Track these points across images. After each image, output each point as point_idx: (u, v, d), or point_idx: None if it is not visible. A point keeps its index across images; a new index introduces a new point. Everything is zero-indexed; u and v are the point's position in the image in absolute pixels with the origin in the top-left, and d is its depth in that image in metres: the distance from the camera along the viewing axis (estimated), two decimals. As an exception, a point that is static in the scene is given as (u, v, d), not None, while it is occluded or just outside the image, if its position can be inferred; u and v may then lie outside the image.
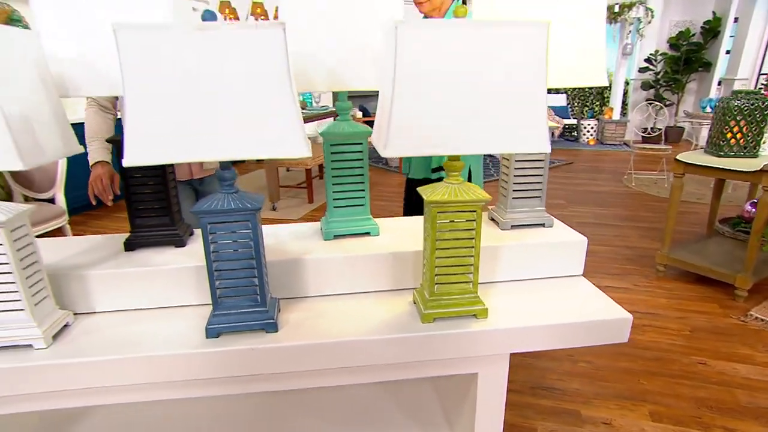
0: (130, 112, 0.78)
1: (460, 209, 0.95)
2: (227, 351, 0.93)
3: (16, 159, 0.78)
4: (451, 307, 1.00)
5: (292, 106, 0.80)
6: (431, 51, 0.79)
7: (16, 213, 0.88)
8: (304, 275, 1.12)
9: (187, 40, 0.76)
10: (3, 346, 0.93)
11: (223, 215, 0.90)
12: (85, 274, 1.05)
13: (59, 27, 0.95)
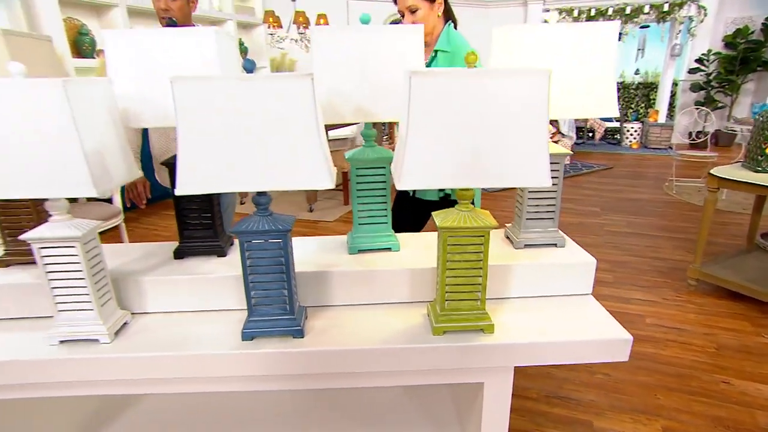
0: (182, 148, 0.92)
1: (469, 234, 1.04)
2: (259, 353, 1.07)
3: (90, 187, 0.93)
4: (460, 322, 1.10)
5: (318, 144, 0.92)
6: (441, 97, 0.89)
7: (89, 229, 1.04)
8: (329, 286, 1.24)
9: (230, 89, 0.89)
10: (75, 339, 1.10)
11: (258, 235, 1.03)
12: (140, 279, 1.21)
13: (126, 69, 1.11)
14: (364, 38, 1.14)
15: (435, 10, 1.76)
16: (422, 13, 1.74)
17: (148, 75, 1.12)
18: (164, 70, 1.12)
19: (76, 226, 1.04)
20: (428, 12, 1.74)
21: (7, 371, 1.08)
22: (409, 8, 1.74)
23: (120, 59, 1.12)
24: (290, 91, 0.89)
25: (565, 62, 1.20)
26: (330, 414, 1.57)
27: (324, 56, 1.14)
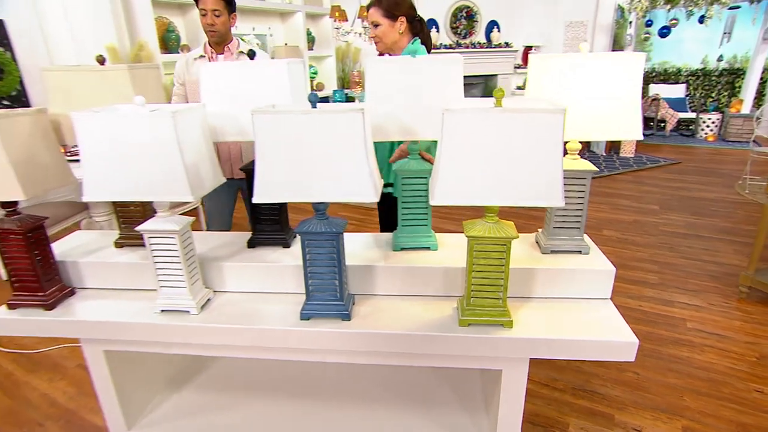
0: (258, 166, 1.15)
1: (493, 243, 1.21)
2: (313, 331, 1.30)
3: (188, 194, 1.19)
4: (482, 316, 1.28)
5: (365, 165, 1.13)
6: (469, 130, 1.06)
7: (185, 223, 1.32)
8: (375, 278, 1.46)
9: (296, 120, 1.11)
10: (171, 310, 1.38)
11: (316, 235, 1.26)
12: (221, 264, 1.48)
13: (216, 94, 1.36)
14: (411, 69, 1.32)
15: (396, 27, 1.96)
16: (382, 28, 1.96)
17: (232, 99, 1.37)
18: (246, 95, 1.36)
19: (175, 221, 1.31)
20: (388, 28, 1.96)
21: (122, 330, 1.39)
22: (372, 23, 1.97)
23: (212, 85, 1.37)
24: (343, 122, 1.10)
25: (595, 88, 1.32)
26: (371, 387, 1.81)
27: (376, 83, 1.33)
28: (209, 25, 2.38)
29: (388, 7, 1.93)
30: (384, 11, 1.93)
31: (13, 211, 1.38)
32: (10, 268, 1.42)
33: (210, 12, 2.36)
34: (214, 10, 2.36)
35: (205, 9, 2.36)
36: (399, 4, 1.94)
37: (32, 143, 1.30)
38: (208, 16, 2.37)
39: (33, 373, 2.18)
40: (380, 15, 1.94)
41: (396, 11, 1.94)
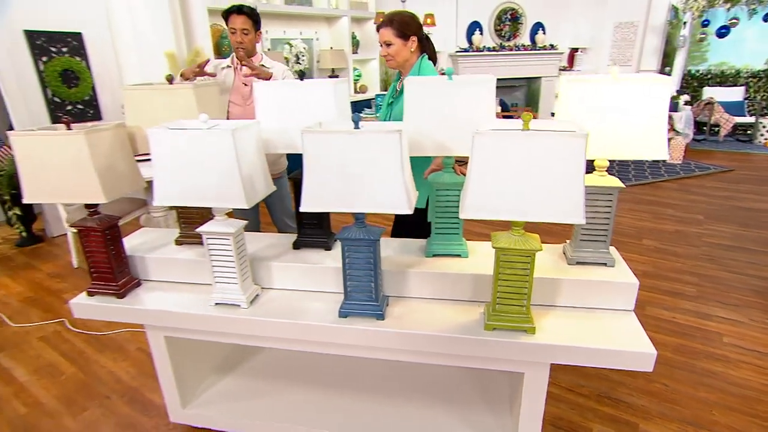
0: (306, 177, 1.29)
1: (518, 254, 1.30)
2: (350, 328, 1.43)
3: (243, 201, 1.35)
4: (506, 321, 1.37)
5: (401, 180, 1.24)
6: (497, 151, 1.16)
7: (239, 227, 1.48)
8: (408, 282, 1.57)
9: (340, 138, 1.24)
10: (225, 303, 1.55)
11: (355, 242, 1.39)
12: (269, 263, 1.64)
13: (269, 111, 1.51)
14: (446, 89, 1.43)
15: (408, 46, 2.06)
16: (395, 48, 2.05)
17: (283, 115, 1.52)
18: (295, 112, 1.50)
19: (231, 224, 1.47)
20: (401, 47, 2.05)
21: (181, 320, 1.57)
22: (385, 42, 2.06)
23: (266, 103, 1.52)
24: (383, 142, 1.22)
25: (622, 111, 1.38)
26: (401, 382, 1.92)
27: (414, 103, 1.45)
28: (238, 42, 2.62)
29: (400, 27, 2.04)
30: (396, 31, 2.05)
31: (94, 211, 1.58)
32: (90, 260, 1.63)
33: (239, 31, 2.59)
34: (243, 29, 2.59)
35: (235, 28, 2.60)
36: (409, 24, 2.06)
37: (112, 153, 1.50)
38: (237, 35, 2.60)
39: (101, 353, 2.42)
40: (393, 35, 2.05)
41: (407, 31, 2.05)
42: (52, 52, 3.79)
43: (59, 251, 3.78)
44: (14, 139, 1.44)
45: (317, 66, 6.03)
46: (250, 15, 2.61)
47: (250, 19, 2.61)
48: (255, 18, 2.64)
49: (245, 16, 2.59)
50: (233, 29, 2.60)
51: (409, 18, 2.04)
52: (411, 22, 2.03)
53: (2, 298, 3.05)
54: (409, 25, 2.03)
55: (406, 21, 2.02)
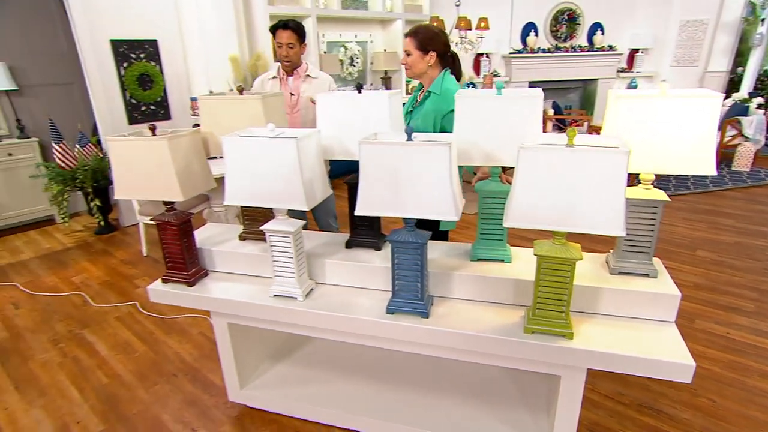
0: (362, 183, 1.41)
1: (559, 262, 1.37)
2: (396, 324, 1.54)
3: (303, 204, 1.48)
4: (545, 326, 1.44)
5: (449, 189, 1.33)
6: (542, 165, 1.23)
7: (298, 226, 1.62)
8: (453, 283, 1.66)
9: (395, 149, 1.34)
10: (283, 295, 1.70)
11: (404, 244, 1.49)
12: (324, 261, 1.77)
13: (328, 120, 1.64)
14: (496, 104, 1.50)
15: (425, 60, 2.14)
16: (412, 58, 2.15)
17: (341, 124, 1.64)
18: (352, 122, 1.62)
19: (291, 224, 1.61)
20: (418, 59, 2.14)
21: (244, 308, 1.73)
22: (405, 51, 2.18)
23: (326, 112, 1.66)
24: (433, 153, 1.32)
25: (670, 126, 1.41)
26: (442, 378, 2.02)
27: (465, 114, 1.53)
28: (284, 56, 2.81)
29: (422, 41, 2.13)
30: (417, 43, 2.14)
31: (171, 207, 1.76)
32: (165, 251, 1.82)
33: (285, 45, 2.77)
34: (289, 43, 2.78)
35: (281, 42, 2.77)
36: (433, 40, 2.13)
37: (189, 156, 1.68)
38: (283, 48, 2.79)
39: (167, 335, 2.66)
40: (413, 46, 2.15)
41: (428, 46, 2.13)
42: (131, 58, 4.14)
43: (131, 240, 4.13)
44: (110, 143, 1.65)
45: (370, 68, 6.19)
46: (295, 29, 2.78)
47: (295, 33, 2.79)
48: (300, 32, 2.82)
49: (291, 30, 2.77)
50: (279, 43, 2.79)
51: (434, 34, 2.12)
52: (434, 38, 2.12)
53: (85, 280, 3.39)
54: (431, 40, 2.11)
55: (430, 36, 2.11)
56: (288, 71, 2.90)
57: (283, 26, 2.77)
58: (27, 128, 4.49)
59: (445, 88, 2.11)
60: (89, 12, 3.85)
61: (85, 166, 4.00)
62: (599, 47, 7.35)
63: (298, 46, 2.82)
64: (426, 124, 2.13)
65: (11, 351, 2.58)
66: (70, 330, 2.76)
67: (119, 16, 4.03)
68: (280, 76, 2.92)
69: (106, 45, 4.00)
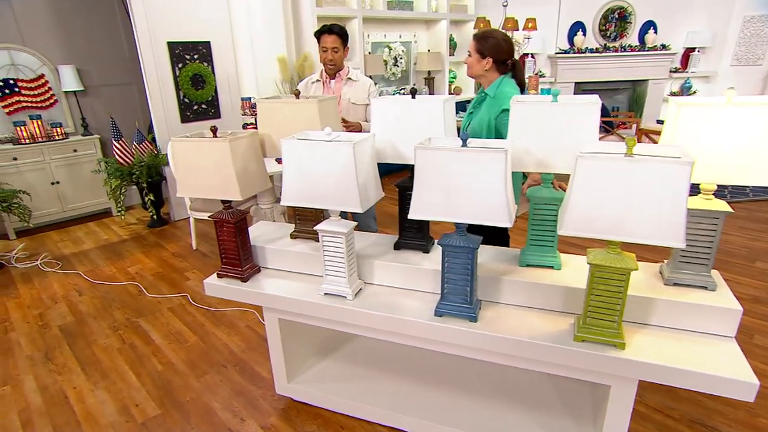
0: (416, 187, 1.43)
1: (613, 272, 1.35)
2: (445, 327, 1.56)
3: (358, 206, 1.52)
4: (596, 335, 1.42)
5: (503, 195, 1.34)
6: (600, 174, 1.22)
7: (350, 227, 1.66)
8: (501, 288, 1.67)
9: (450, 155, 1.36)
10: (333, 294, 1.75)
11: (455, 248, 1.51)
12: (373, 262, 1.81)
13: (383, 124, 1.68)
14: (552, 110, 1.50)
15: (481, 64, 2.19)
16: (471, 59, 2.23)
17: (395, 128, 1.68)
18: (406, 126, 1.65)
19: (343, 225, 1.66)
20: (475, 62, 2.21)
21: (295, 305, 1.79)
22: (468, 51, 2.24)
23: (381, 116, 1.69)
24: (489, 160, 1.33)
25: (734, 136, 1.37)
26: (487, 382, 2.02)
27: (520, 121, 1.53)
28: (329, 60, 2.88)
29: (482, 46, 2.17)
30: (478, 47, 2.18)
31: (228, 205, 1.84)
32: (221, 247, 1.90)
33: (330, 49, 2.86)
34: (333, 48, 2.86)
35: (326, 47, 2.87)
36: (493, 48, 2.16)
37: (247, 157, 1.75)
38: (328, 53, 2.86)
39: (216, 327, 2.78)
40: (474, 49, 2.20)
41: (486, 52, 2.17)
42: (186, 59, 4.31)
43: (181, 234, 4.31)
44: (174, 144, 1.74)
45: (414, 68, 6.20)
46: (339, 34, 2.86)
47: (340, 37, 2.86)
48: (344, 36, 2.89)
49: (335, 35, 2.85)
50: (324, 48, 2.87)
51: (496, 42, 2.14)
52: (495, 46, 2.14)
53: (140, 271, 3.57)
54: (491, 47, 2.14)
55: (491, 44, 2.13)
56: (331, 74, 2.97)
57: (328, 31, 2.85)
58: (90, 126, 4.76)
59: (500, 91, 2.12)
60: (149, 16, 4.04)
61: (141, 162, 4.21)
62: (651, 47, 7.10)
63: (341, 50, 2.90)
64: (480, 125, 2.16)
65: (77, 335, 2.76)
66: (128, 318, 2.92)
67: (176, 19, 4.21)
68: (323, 79, 2.99)
69: (164, 47, 4.19)
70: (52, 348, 2.64)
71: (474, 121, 2.21)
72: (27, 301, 3.18)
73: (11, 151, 4.20)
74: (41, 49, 4.44)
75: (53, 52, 4.51)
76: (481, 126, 2.14)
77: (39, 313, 3.02)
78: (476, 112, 2.23)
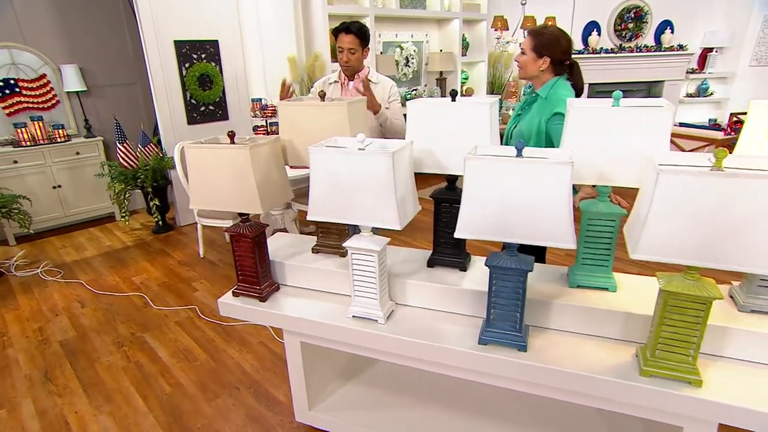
0: (465, 202, 1.27)
1: (692, 300, 1.18)
2: (491, 357, 1.40)
3: (396, 223, 1.36)
4: (668, 370, 1.25)
5: (566, 213, 1.18)
6: (685, 191, 1.05)
7: (383, 244, 1.49)
8: (550, 312, 1.50)
9: (506, 166, 1.20)
10: (362, 317, 1.58)
11: (505, 270, 1.34)
12: (405, 281, 1.64)
13: (419, 130, 1.51)
14: (614, 116, 1.33)
15: (538, 64, 2.00)
16: (526, 59, 2.02)
17: (434, 135, 1.51)
18: (445, 132, 1.49)
19: (376, 242, 1.49)
20: (531, 62, 2.01)
21: (321, 329, 1.62)
22: (522, 49, 2.04)
23: (417, 121, 1.53)
24: (551, 173, 1.16)
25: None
26: (529, 413, 1.85)
27: (578, 128, 1.37)
28: (345, 61, 2.67)
29: (540, 44, 1.97)
30: (534, 45, 1.99)
31: (246, 219, 1.68)
32: (238, 263, 1.74)
33: (346, 50, 2.63)
34: (350, 49, 2.63)
35: (342, 47, 2.64)
36: (551, 45, 1.97)
37: (269, 166, 1.58)
38: (344, 54, 2.64)
39: (228, 343, 2.61)
40: (530, 46, 2.00)
41: (544, 51, 1.98)
42: (193, 59, 4.15)
43: (187, 240, 4.14)
44: (187, 150, 1.58)
45: (425, 68, 6.04)
46: (357, 34, 2.63)
47: (358, 38, 2.64)
48: (363, 36, 2.67)
49: (353, 35, 2.62)
50: (341, 48, 2.65)
51: (554, 38, 1.95)
52: (553, 43, 1.95)
53: (145, 281, 3.40)
54: (549, 45, 1.95)
55: (549, 40, 1.94)
56: (349, 76, 2.77)
57: (345, 30, 2.63)
58: (93, 128, 4.60)
59: (554, 92, 1.95)
60: (156, 13, 3.88)
61: (146, 165, 4.05)
62: (667, 47, 6.92)
63: (359, 51, 2.68)
64: (529, 129, 1.99)
65: (79, 351, 2.60)
66: (132, 332, 2.76)
67: (183, 16, 4.05)
68: (342, 80, 2.80)
69: (170, 46, 4.03)
70: (53, 366, 2.47)
71: (522, 124, 2.04)
72: (26, 314, 3.02)
73: (11, 154, 4.05)
74: (43, 47, 4.28)
75: (55, 51, 4.35)
76: (530, 130, 1.97)
77: (39, 326, 2.86)
78: (525, 114, 2.06)
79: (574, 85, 2.00)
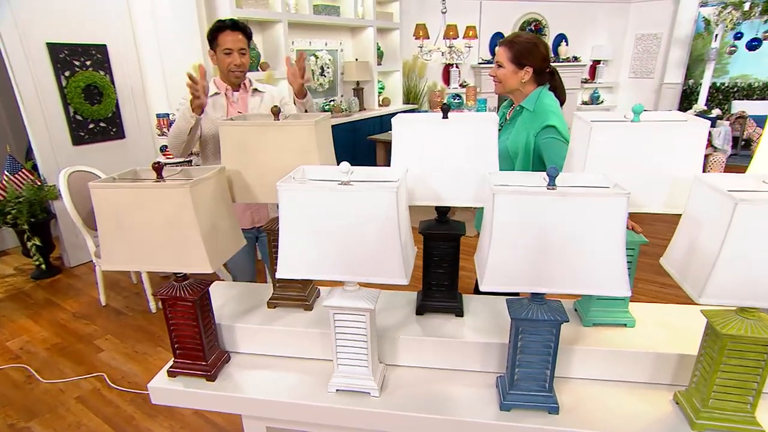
0: (493, 248, 1.01)
1: (753, 343, 1.03)
2: (519, 426, 1.15)
3: (403, 276, 1.06)
4: (724, 422, 1.09)
5: (623, 256, 0.96)
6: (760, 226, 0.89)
7: (376, 299, 1.18)
8: (571, 360, 1.29)
9: (537, 199, 0.96)
10: (351, 390, 1.25)
11: (534, 323, 1.10)
12: (394, 336, 1.34)
13: (407, 155, 1.23)
14: (639, 134, 1.16)
15: (519, 76, 1.84)
16: (504, 72, 1.85)
17: (422, 158, 1.24)
18: (438, 156, 1.22)
19: (367, 298, 1.17)
20: (511, 74, 1.84)
21: (293, 411, 1.27)
22: (497, 62, 1.87)
23: (404, 144, 1.24)
24: (601, 206, 0.94)
25: None
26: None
27: (600, 148, 1.17)
28: (237, 66, 2.16)
29: (518, 54, 1.80)
30: (512, 55, 1.81)
31: (183, 276, 1.27)
32: (173, 334, 1.32)
33: (237, 51, 2.13)
34: (241, 49, 2.15)
35: (230, 48, 2.12)
36: (531, 53, 1.81)
37: (215, 208, 1.20)
38: (234, 55, 2.14)
39: (152, 418, 2.10)
40: (507, 58, 1.83)
41: (524, 60, 1.81)
42: (75, 66, 3.47)
43: (81, 284, 3.44)
44: (94, 191, 1.14)
45: (341, 78, 5.77)
46: (245, 31, 2.18)
47: (246, 36, 2.18)
48: (250, 34, 2.23)
49: (241, 32, 2.15)
50: (228, 49, 2.12)
51: (532, 46, 1.77)
52: (532, 51, 1.77)
53: (26, 345, 2.70)
54: (529, 53, 1.77)
55: (528, 49, 1.76)
56: (234, 85, 2.25)
57: (232, 26, 2.12)
58: (-62, 152, 3.69)
59: (541, 103, 1.76)
60: (17, 6, 3.15)
61: (19, 197, 3.29)
62: (564, 58, 7.36)
63: (248, 52, 2.21)
64: (516, 145, 1.79)
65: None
66: (11, 424, 2.12)
67: (58, 15, 3.36)
68: (223, 90, 2.24)
69: (42, 49, 3.32)
70: None
71: (506, 141, 1.82)
72: None
73: None
74: None
75: None
76: (516, 146, 1.77)
77: None
78: (508, 129, 1.85)
79: (557, 95, 1.85)
